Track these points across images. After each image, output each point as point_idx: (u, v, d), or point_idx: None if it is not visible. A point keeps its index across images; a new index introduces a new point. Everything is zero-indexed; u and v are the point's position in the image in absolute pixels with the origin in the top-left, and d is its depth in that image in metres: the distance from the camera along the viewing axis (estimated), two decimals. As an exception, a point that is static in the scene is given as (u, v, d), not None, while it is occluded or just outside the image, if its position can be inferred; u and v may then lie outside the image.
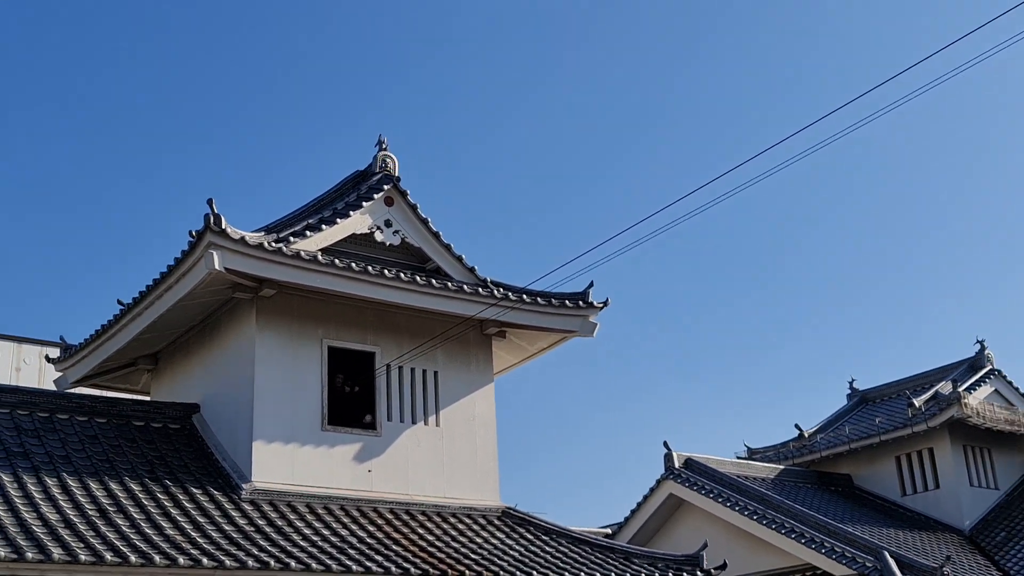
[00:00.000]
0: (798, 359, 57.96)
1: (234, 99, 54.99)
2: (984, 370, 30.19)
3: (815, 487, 29.01)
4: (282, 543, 14.56)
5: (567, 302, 18.62)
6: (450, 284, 17.73)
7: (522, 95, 56.69)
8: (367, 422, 17.47)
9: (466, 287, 17.81)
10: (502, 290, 18.14)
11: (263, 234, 16.60)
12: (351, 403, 17.66)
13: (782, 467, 29.51)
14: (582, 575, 15.86)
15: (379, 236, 17.94)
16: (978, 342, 30.93)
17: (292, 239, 16.75)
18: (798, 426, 31.20)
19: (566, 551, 16.89)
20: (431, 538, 16.18)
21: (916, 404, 28.00)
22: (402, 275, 17.17)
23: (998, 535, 27.16)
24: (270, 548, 14.28)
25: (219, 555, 13.63)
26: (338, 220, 17.51)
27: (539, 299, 18.34)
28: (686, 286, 59.23)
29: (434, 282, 17.52)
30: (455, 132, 57.25)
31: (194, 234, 15.88)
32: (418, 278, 17.36)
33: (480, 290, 17.92)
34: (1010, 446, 29.15)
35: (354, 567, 14.24)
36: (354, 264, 16.80)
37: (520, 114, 56.81)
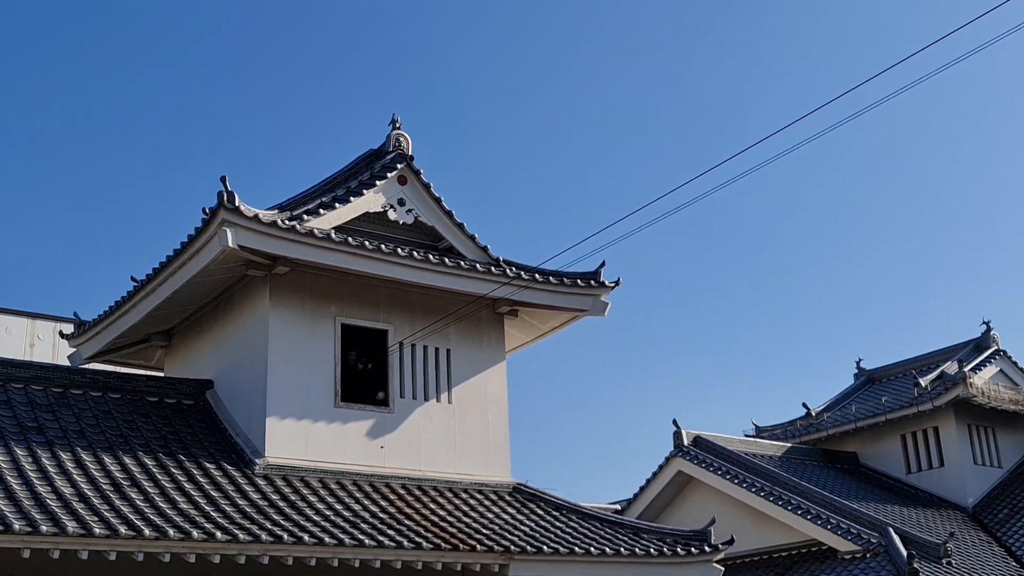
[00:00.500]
0: (806, 339, 58.07)
1: (249, 78, 54.97)
2: (990, 351, 30.32)
3: (821, 465, 29.19)
4: (295, 517, 14.71)
5: (579, 281, 18.70)
6: (463, 263, 17.82)
7: (535, 76, 56.64)
8: (380, 399, 17.59)
9: (479, 266, 17.90)
10: (514, 269, 18.22)
11: (277, 212, 16.68)
12: (364, 380, 17.78)
13: (789, 445, 29.67)
14: (592, 550, 16.03)
15: (392, 215, 18.02)
16: (984, 323, 31.06)
17: (306, 217, 16.83)
18: (805, 405, 31.36)
19: (576, 526, 17.04)
20: (443, 513, 16.33)
21: (922, 384, 28.14)
22: (415, 253, 17.26)
23: (1001, 512, 27.35)
24: (283, 522, 14.43)
25: (233, 529, 13.78)
26: (351, 199, 17.59)
27: (551, 278, 18.43)
28: (695, 265, 59.30)
29: (447, 261, 17.61)
30: (468, 112, 57.21)
31: (208, 211, 15.95)
32: (431, 256, 17.45)
33: (493, 269, 18.01)
34: (1014, 425, 29.30)
35: (367, 541, 14.38)
36: (367, 242, 16.89)
37: (533, 95, 56.76)
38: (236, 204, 15.74)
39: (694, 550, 17.03)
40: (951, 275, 57.77)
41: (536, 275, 18.29)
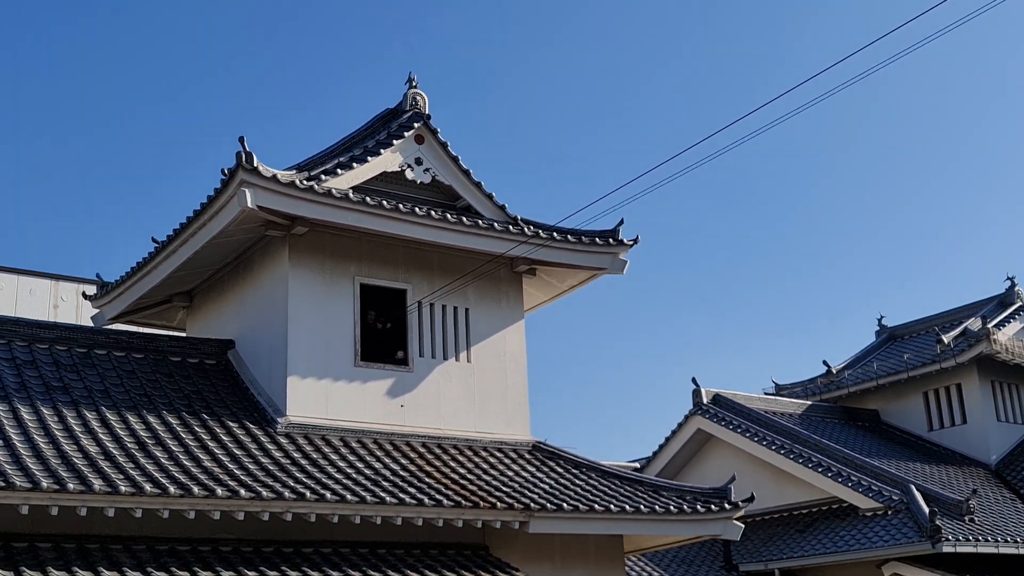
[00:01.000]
0: (827, 296, 57.92)
1: (264, 38, 54.87)
2: (1014, 307, 30.16)
3: (842, 422, 29.20)
4: (317, 475, 14.84)
5: (597, 239, 18.68)
6: (481, 222, 17.82)
7: (551, 32, 56.29)
8: (399, 358, 17.68)
9: (496, 225, 17.90)
10: (532, 228, 18.21)
11: (295, 172, 16.71)
12: (383, 339, 17.87)
13: (809, 403, 29.69)
14: (611, 507, 16.12)
15: (410, 174, 18.02)
16: (1008, 279, 30.88)
17: (323, 177, 16.85)
18: (826, 362, 31.33)
19: (596, 484, 17.13)
20: (463, 471, 16.44)
21: (945, 340, 28.05)
22: (433, 212, 17.27)
23: (1024, 469, 27.35)
24: (306, 480, 14.56)
25: (256, 486, 13.91)
26: (369, 158, 17.59)
27: (569, 236, 18.41)
28: (715, 223, 59.10)
29: (465, 219, 17.62)
30: (485, 69, 56.97)
31: (226, 172, 15.99)
32: (449, 215, 17.46)
33: (511, 228, 18.00)
34: (1038, 382, 29.20)
35: (388, 499, 14.50)
36: (385, 202, 16.91)
37: (550, 51, 56.46)
38: (255, 165, 15.78)
39: (714, 507, 17.08)
40: (974, 231, 57.40)
41: (554, 233, 18.27)
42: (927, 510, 22.03)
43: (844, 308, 57.13)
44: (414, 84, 18.83)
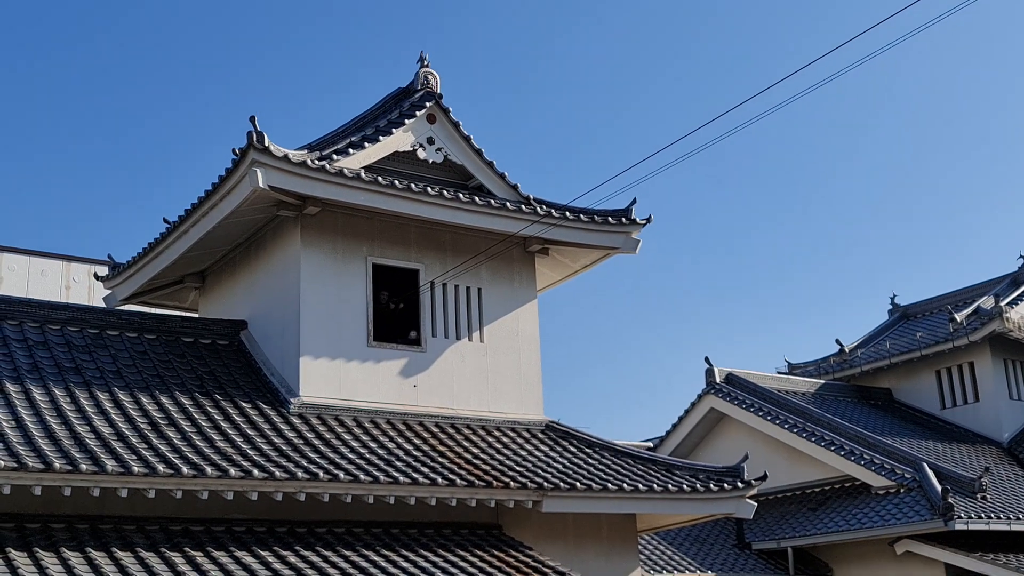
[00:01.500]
0: (839, 275, 57.78)
1: (277, 18, 54.73)
2: (1026, 284, 30.05)
3: (855, 401, 29.17)
4: (330, 455, 14.84)
5: (610, 219, 18.60)
6: (493, 201, 17.74)
7: (564, 12, 56.04)
8: (412, 338, 17.64)
9: (509, 204, 17.83)
10: (545, 207, 18.13)
11: (306, 152, 16.64)
12: (396, 320, 17.83)
13: (822, 382, 29.66)
14: (625, 486, 16.10)
15: (422, 154, 17.95)
16: (1021, 257, 30.75)
17: (335, 157, 16.78)
18: (839, 341, 31.29)
19: (609, 463, 17.11)
20: (476, 451, 16.42)
21: (957, 319, 27.96)
22: (445, 192, 17.20)
23: (1037, 447, 27.30)
24: (319, 460, 14.56)
25: (269, 466, 13.91)
26: (380, 138, 17.51)
27: (582, 216, 18.33)
28: (729, 203, 58.94)
29: (477, 199, 17.54)
30: (497, 49, 56.77)
31: (237, 152, 15.93)
32: (461, 195, 17.39)
33: (523, 207, 17.92)
34: (1051, 360, 29.10)
35: (401, 478, 14.50)
36: (397, 181, 16.84)
37: (562, 31, 56.22)
38: (266, 144, 15.71)
39: (727, 486, 17.05)
40: (987, 209, 57.17)
41: (567, 213, 18.20)
42: (939, 488, 22.02)
43: (857, 287, 57.04)
44: (426, 63, 18.74)
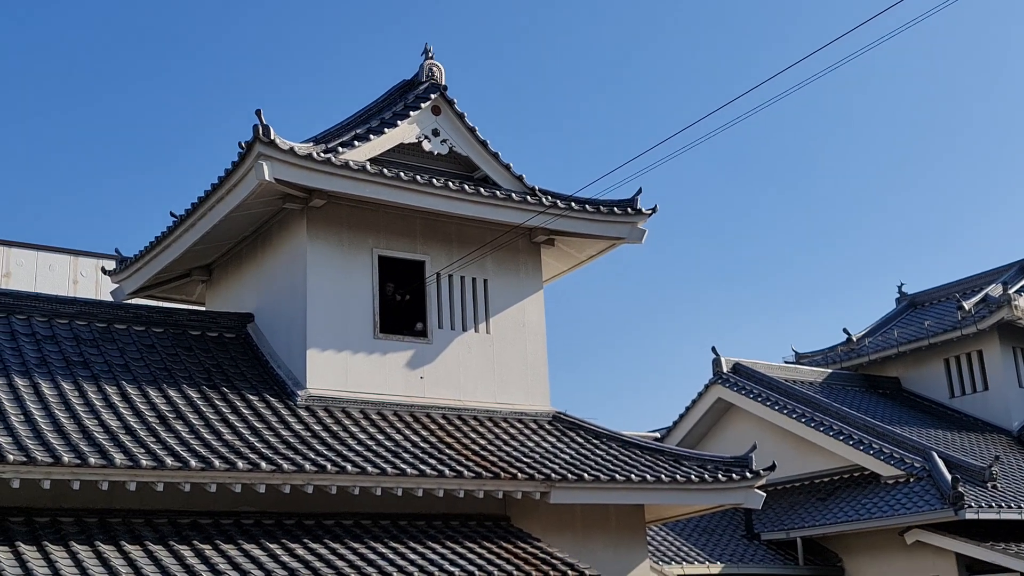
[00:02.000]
0: (847, 264, 57.67)
1: (281, 10, 54.71)
2: (1035, 272, 29.95)
3: (863, 390, 29.11)
4: (338, 447, 14.86)
5: (615, 209, 18.58)
6: (498, 192, 17.74)
7: (568, 2, 55.95)
8: (418, 330, 17.65)
9: (514, 195, 17.82)
10: (550, 198, 18.12)
11: (312, 145, 16.64)
12: (402, 311, 17.84)
13: (830, 371, 29.60)
14: (633, 477, 16.09)
15: (427, 145, 17.94)
16: (1030, 244, 30.69)
17: (341, 149, 16.78)
18: (846, 330, 31.21)
19: (616, 454, 17.10)
20: (483, 442, 16.43)
21: (966, 307, 27.87)
22: (450, 184, 17.20)
23: (1047, 436, 27.22)
24: (326, 452, 14.58)
25: (277, 459, 13.93)
26: (386, 130, 17.51)
27: (587, 206, 18.31)
28: (734, 192, 58.84)
29: (482, 190, 17.54)
30: (502, 41, 56.71)
31: (243, 145, 15.95)
32: (466, 187, 17.38)
33: (528, 198, 17.91)
34: (1060, 347, 29.01)
35: (409, 470, 14.51)
36: (402, 173, 16.84)
37: (567, 23, 56.13)
38: (271, 137, 15.73)
39: (735, 476, 17.04)
40: (995, 196, 57.01)
41: (572, 203, 18.18)
42: (949, 477, 21.95)
43: (864, 276, 56.92)
44: (430, 55, 18.72)
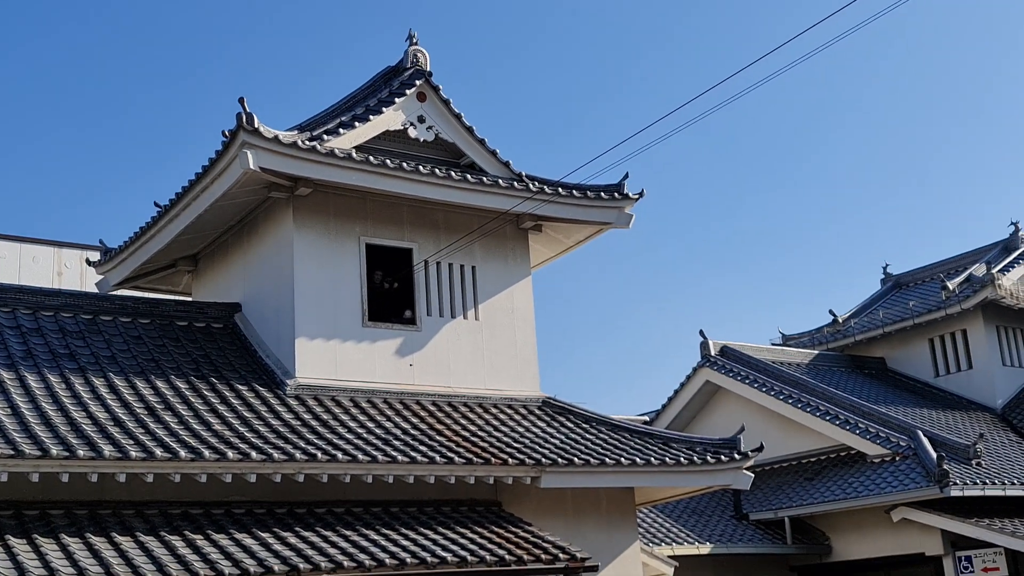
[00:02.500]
0: (832, 246, 57.84)
1: (256, -4, 54.40)
2: (1017, 251, 30.10)
3: (849, 371, 29.24)
4: (328, 436, 14.84)
5: (602, 194, 18.58)
6: (485, 179, 17.71)
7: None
8: (407, 317, 17.63)
9: (501, 181, 17.79)
10: (537, 184, 18.10)
11: (297, 133, 16.57)
12: (391, 299, 17.81)
13: (816, 352, 29.72)
14: (622, 460, 16.14)
15: (413, 132, 17.89)
16: (1012, 224, 30.80)
17: (326, 137, 16.72)
18: (832, 312, 31.33)
19: (606, 438, 17.15)
20: (473, 428, 16.45)
21: (950, 287, 28.01)
22: (437, 171, 17.15)
23: (1030, 413, 27.39)
24: (317, 441, 14.56)
25: (267, 448, 13.91)
26: (371, 117, 17.44)
27: (574, 191, 18.31)
28: (720, 175, 58.92)
29: (469, 177, 17.50)
30: (487, 25, 56.54)
31: (227, 134, 15.86)
32: (453, 173, 17.35)
33: (515, 184, 17.89)
34: (1043, 326, 29.19)
35: (400, 457, 14.51)
36: (388, 161, 16.79)
37: (552, 4, 55.99)
38: (255, 126, 15.65)
39: (724, 458, 17.11)
40: (978, 177, 57.24)
41: (559, 189, 18.17)
42: (934, 455, 22.09)
43: (849, 257, 57.13)
44: (415, 41, 18.65)
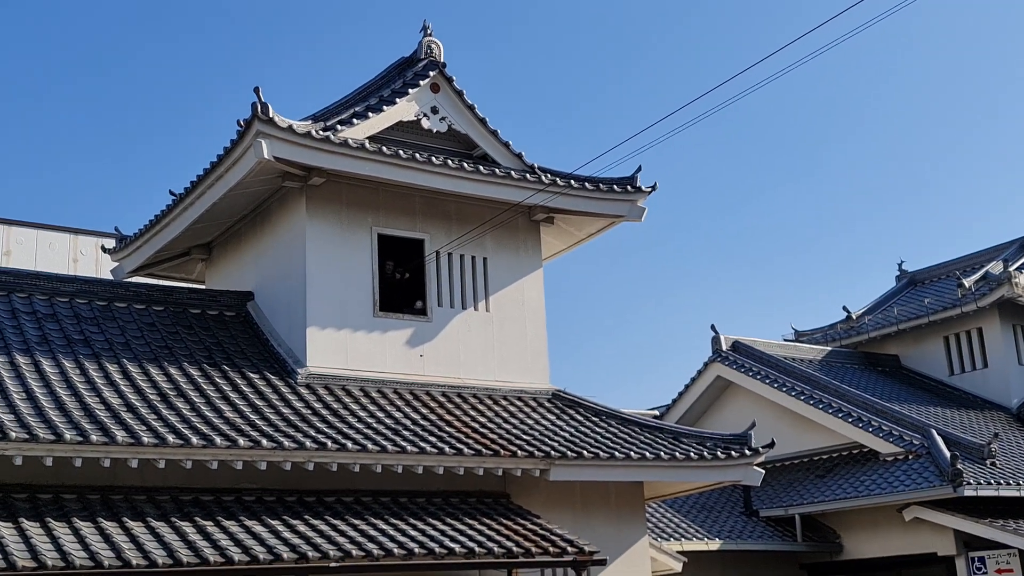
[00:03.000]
0: (847, 242, 57.63)
1: (275, -14, 54.51)
2: (1035, 250, 29.92)
3: (862, 368, 29.13)
4: (338, 425, 14.90)
5: (615, 187, 18.57)
6: (498, 170, 17.72)
7: (565, -24, 55.73)
8: (418, 308, 17.66)
9: (514, 173, 17.80)
10: (550, 176, 18.10)
11: (310, 122, 16.62)
12: (402, 290, 17.85)
13: (829, 349, 29.61)
14: (632, 454, 16.15)
15: (426, 123, 17.92)
16: (1030, 221, 30.67)
17: (339, 127, 16.77)
18: (846, 308, 31.22)
19: (616, 431, 17.15)
20: (483, 420, 16.47)
21: (966, 284, 27.86)
22: (449, 162, 17.18)
23: (1046, 413, 27.26)
24: (327, 430, 14.62)
25: (278, 436, 13.98)
26: (384, 108, 17.48)
27: (587, 184, 18.30)
28: (734, 170, 58.77)
29: (481, 168, 17.52)
30: (501, 17, 56.52)
31: (242, 123, 15.93)
32: (465, 164, 17.37)
33: (528, 176, 17.90)
34: (1060, 325, 29.03)
35: (409, 448, 14.56)
36: (401, 151, 16.83)
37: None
38: (270, 115, 15.71)
39: (734, 453, 17.10)
40: (995, 173, 56.92)
41: (572, 181, 18.17)
42: (948, 454, 21.99)
43: (864, 253, 56.91)
44: (429, 32, 18.68)
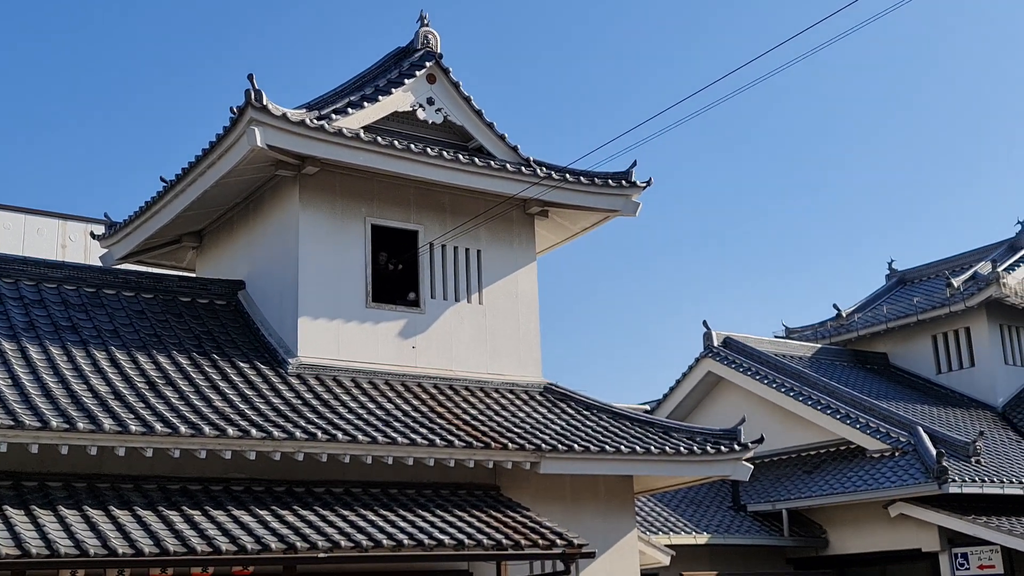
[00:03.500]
0: (837, 240, 57.79)
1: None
2: (1023, 251, 30.00)
3: (851, 365, 29.24)
4: (329, 415, 14.83)
5: (610, 181, 18.52)
6: (493, 163, 17.65)
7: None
8: (411, 300, 17.58)
9: (509, 166, 17.73)
10: (545, 169, 18.03)
11: (305, 111, 16.52)
12: (395, 281, 17.77)
13: (819, 346, 29.71)
14: (623, 448, 16.13)
15: (421, 114, 17.83)
16: (1019, 222, 30.74)
17: (334, 116, 16.66)
18: (836, 306, 31.32)
19: (607, 425, 17.13)
20: (474, 412, 16.43)
21: (955, 284, 27.98)
22: (444, 153, 17.10)
23: (1031, 412, 27.38)
24: (317, 420, 14.55)
25: (267, 426, 13.90)
26: (380, 97, 17.38)
27: (582, 178, 18.25)
28: (727, 165, 58.83)
29: (477, 160, 17.45)
30: (497, 9, 56.39)
31: (235, 110, 15.80)
32: (460, 156, 17.29)
33: (523, 169, 17.83)
34: (1046, 325, 29.15)
35: (399, 439, 14.50)
36: (396, 142, 16.73)
37: (556, -12, 55.82)
38: (264, 103, 15.59)
39: (724, 448, 17.10)
40: (985, 174, 57.12)
41: (567, 175, 18.11)
42: (934, 452, 22.10)
43: (854, 252, 57.07)
44: (426, 22, 18.58)
